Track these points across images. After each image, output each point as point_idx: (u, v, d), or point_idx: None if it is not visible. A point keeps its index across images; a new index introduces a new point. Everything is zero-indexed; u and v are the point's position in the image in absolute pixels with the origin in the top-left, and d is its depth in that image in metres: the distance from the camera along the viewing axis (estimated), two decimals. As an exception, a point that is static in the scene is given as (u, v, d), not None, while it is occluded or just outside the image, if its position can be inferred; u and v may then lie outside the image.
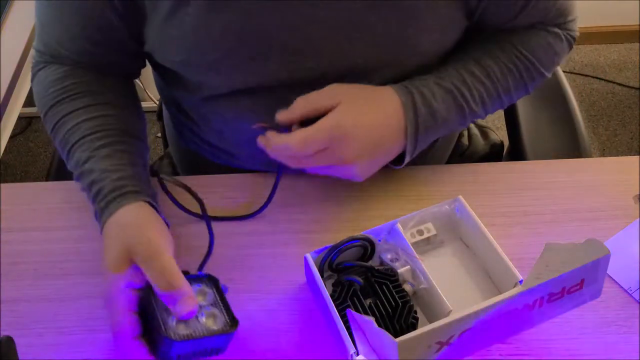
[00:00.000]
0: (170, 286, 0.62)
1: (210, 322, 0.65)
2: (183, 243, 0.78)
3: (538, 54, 0.82)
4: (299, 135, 0.69)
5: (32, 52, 1.39)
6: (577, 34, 0.86)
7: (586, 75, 2.30)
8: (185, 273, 0.69)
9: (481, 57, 0.80)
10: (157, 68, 0.83)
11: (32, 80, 0.85)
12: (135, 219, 0.69)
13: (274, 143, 0.71)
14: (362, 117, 0.71)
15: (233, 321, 0.65)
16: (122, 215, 0.70)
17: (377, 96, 0.74)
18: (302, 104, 0.72)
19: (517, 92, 0.83)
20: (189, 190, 0.77)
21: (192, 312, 0.63)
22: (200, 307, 0.65)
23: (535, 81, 0.84)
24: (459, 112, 0.78)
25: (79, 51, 0.79)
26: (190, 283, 0.66)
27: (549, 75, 0.85)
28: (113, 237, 0.68)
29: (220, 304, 0.66)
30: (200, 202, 0.77)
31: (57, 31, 0.79)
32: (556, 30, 0.83)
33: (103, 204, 0.71)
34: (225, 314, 0.66)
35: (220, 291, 0.68)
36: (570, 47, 0.86)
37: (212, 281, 0.68)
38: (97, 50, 0.79)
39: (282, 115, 0.72)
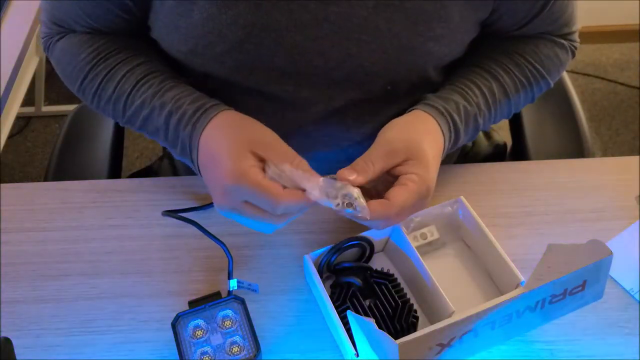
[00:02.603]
0: (298, 166, 0.63)
1: (236, 349, 0.67)
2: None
3: (548, 67, 0.84)
4: (394, 210, 0.66)
5: (32, 44, 1.40)
6: (579, 44, 0.89)
7: (588, 75, 2.29)
8: (217, 295, 0.71)
9: (500, 74, 0.82)
10: (162, 55, 0.83)
11: (47, 51, 0.84)
12: (239, 117, 0.69)
13: (372, 217, 0.65)
14: (435, 163, 0.70)
15: (257, 347, 0.67)
16: (222, 119, 0.69)
17: (430, 131, 0.73)
18: (370, 169, 0.67)
19: (524, 104, 0.86)
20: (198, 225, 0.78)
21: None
22: (227, 334, 0.68)
23: (541, 91, 0.87)
24: (475, 133, 0.81)
25: (91, 27, 0.79)
26: (218, 308, 0.69)
27: (552, 85, 0.87)
28: (221, 137, 0.67)
29: (247, 327, 0.68)
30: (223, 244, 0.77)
31: (69, 11, 0.79)
32: (562, 41, 0.86)
33: (191, 125, 0.70)
34: (250, 338, 0.67)
35: (247, 313, 0.69)
36: (573, 57, 0.89)
37: (239, 302, 0.70)
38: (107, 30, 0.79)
39: (352, 177, 0.66)
